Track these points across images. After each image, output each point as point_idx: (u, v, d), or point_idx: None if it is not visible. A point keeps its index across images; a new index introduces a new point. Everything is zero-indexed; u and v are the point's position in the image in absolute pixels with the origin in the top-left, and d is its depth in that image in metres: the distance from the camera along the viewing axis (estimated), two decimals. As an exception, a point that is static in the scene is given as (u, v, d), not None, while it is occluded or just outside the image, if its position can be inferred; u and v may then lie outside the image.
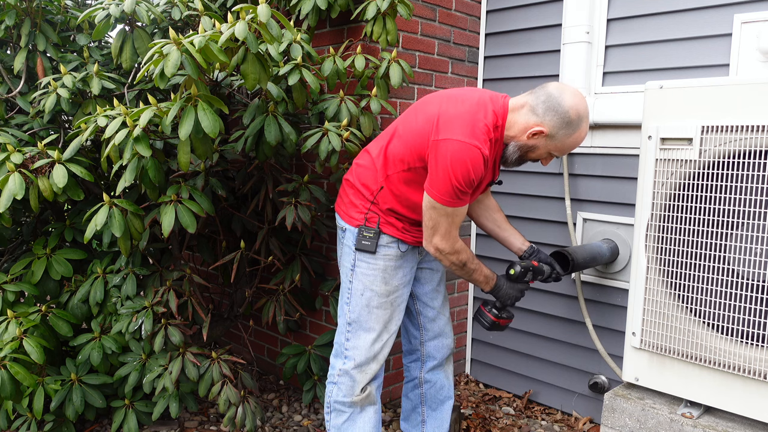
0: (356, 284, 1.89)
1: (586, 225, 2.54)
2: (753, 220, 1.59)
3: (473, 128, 1.66)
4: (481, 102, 1.73)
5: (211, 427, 2.54)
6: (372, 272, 1.86)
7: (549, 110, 1.69)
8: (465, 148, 1.64)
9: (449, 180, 1.65)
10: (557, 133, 1.71)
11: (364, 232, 1.85)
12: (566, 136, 1.72)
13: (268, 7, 1.89)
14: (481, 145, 1.65)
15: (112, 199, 2.00)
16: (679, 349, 1.74)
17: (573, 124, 1.70)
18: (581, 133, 1.74)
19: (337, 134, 2.13)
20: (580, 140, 1.76)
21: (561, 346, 2.68)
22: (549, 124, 1.70)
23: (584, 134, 1.76)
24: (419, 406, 2.15)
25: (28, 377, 1.90)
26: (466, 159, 1.64)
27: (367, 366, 1.90)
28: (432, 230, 1.75)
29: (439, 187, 1.68)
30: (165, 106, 1.91)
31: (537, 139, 1.73)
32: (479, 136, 1.66)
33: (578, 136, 1.74)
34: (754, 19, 2.04)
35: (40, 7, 2.42)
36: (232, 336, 3.32)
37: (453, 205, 1.70)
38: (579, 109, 1.70)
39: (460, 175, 1.64)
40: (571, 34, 2.45)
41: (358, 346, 1.89)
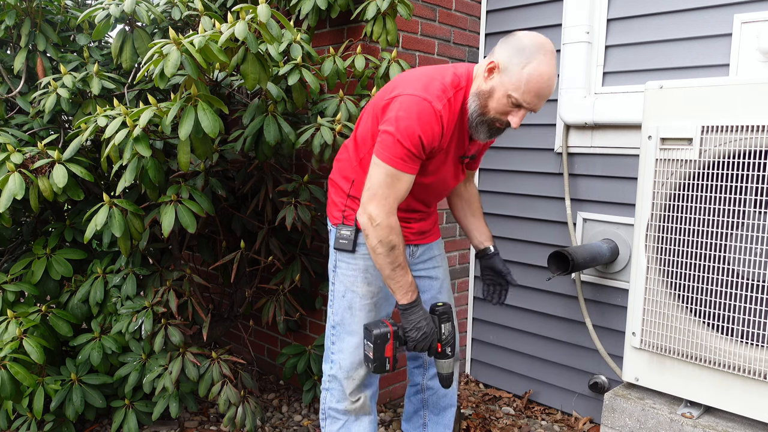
0: (338, 286, 1.81)
1: (586, 225, 2.54)
2: (753, 220, 1.59)
3: (426, 85, 1.54)
4: (441, 68, 1.63)
5: (211, 427, 2.54)
6: (353, 272, 1.77)
7: (504, 45, 1.54)
8: (413, 101, 1.51)
9: (393, 136, 1.52)
10: (509, 64, 1.50)
11: (341, 231, 1.76)
12: (520, 67, 1.49)
13: (268, 7, 1.90)
14: (432, 99, 1.52)
15: (112, 199, 2.00)
16: (679, 349, 1.74)
17: (527, 50, 1.49)
18: (541, 66, 1.49)
19: (329, 128, 2.12)
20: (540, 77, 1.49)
21: (561, 346, 2.68)
22: (501, 55, 1.53)
23: (546, 70, 1.49)
24: (421, 410, 2.10)
25: (28, 377, 1.90)
26: (413, 112, 1.50)
27: (354, 371, 1.80)
28: (369, 193, 1.58)
29: (384, 144, 1.54)
30: (165, 106, 1.91)
31: (492, 78, 1.55)
32: (432, 91, 1.53)
33: (538, 68, 1.48)
34: (754, 19, 2.04)
35: (40, 7, 2.42)
36: (232, 336, 3.32)
37: (397, 167, 1.54)
38: (536, 39, 1.51)
39: (405, 130, 1.50)
40: (571, 34, 2.45)
41: (343, 350, 1.81)
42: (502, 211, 2.85)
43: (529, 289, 2.77)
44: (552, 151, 2.65)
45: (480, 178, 2.94)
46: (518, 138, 2.77)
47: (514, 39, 1.53)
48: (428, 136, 1.53)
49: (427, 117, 1.51)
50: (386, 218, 1.57)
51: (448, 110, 1.57)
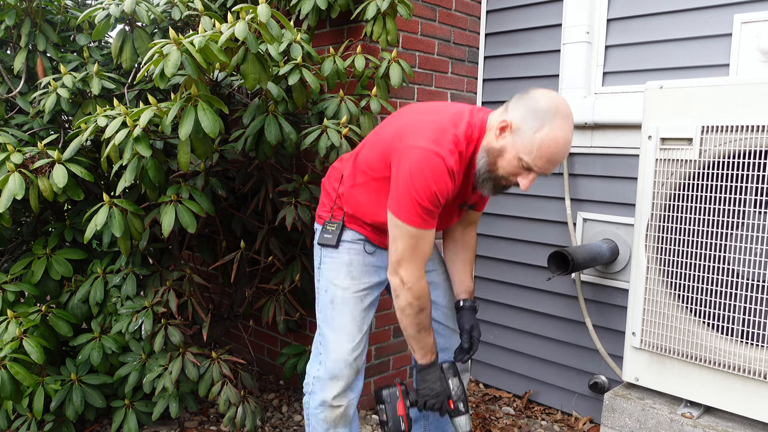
0: (321, 282, 1.75)
1: (586, 225, 2.54)
2: (753, 220, 1.59)
3: (438, 136, 1.49)
4: (456, 113, 1.56)
5: (211, 427, 2.54)
6: (336, 266, 1.72)
7: (518, 103, 1.48)
8: (425, 157, 1.46)
9: (409, 194, 1.48)
10: (522, 126, 1.44)
11: (327, 226, 1.73)
12: (533, 131, 1.42)
13: (268, 7, 1.90)
14: (444, 154, 1.47)
15: (112, 199, 2.00)
16: (679, 349, 1.74)
17: (541, 114, 1.42)
18: (555, 131, 1.42)
19: (336, 131, 2.13)
20: (554, 143, 1.43)
21: (561, 346, 2.68)
22: (514, 114, 1.47)
23: (560, 135, 1.43)
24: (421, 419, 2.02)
25: (28, 377, 1.90)
26: (426, 169, 1.46)
27: (340, 372, 1.71)
28: (397, 256, 1.56)
29: (400, 202, 1.51)
30: (165, 106, 1.91)
31: (504, 137, 1.49)
32: (444, 144, 1.48)
33: (552, 133, 1.42)
34: (754, 19, 2.04)
35: (40, 7, 2.42)
36: (232, 336, 3.32)
37: (419, 226, 1.51)
38: (553, 102, 1.44)
39: (421, 188, 1.47)
40: (571, 34, 2.45)
41: (327, 348, 1.73)
42: (502, 211, 2.86)
43: (529, 289, 2.77)
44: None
45: (480, 178, 2.94)
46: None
47: (530, 99, 1.47)
48: (443, 192, 1.50)
49: (441, 174, 1.48)
50: (418, 282, 1.57)
51: (459, 163, 1.53)
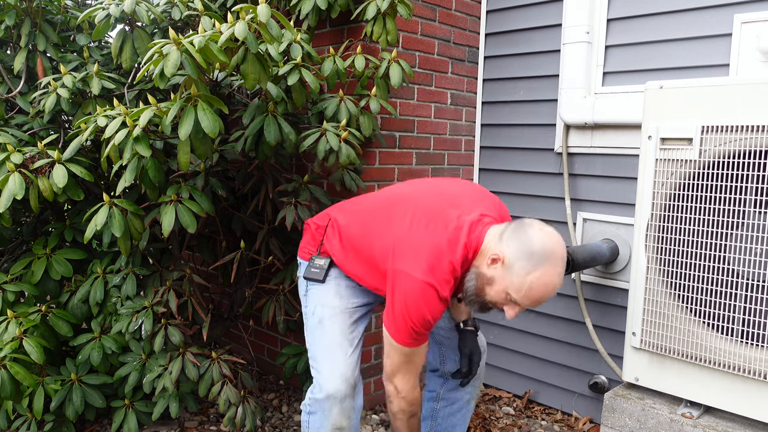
0: (309, 306, 1.77)
1: (586, 225, 2.54)
2: (753, 220, 1.59)
3: (435, 265, 1.49)
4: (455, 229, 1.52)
5: (211, 427, 2.54)
6: (323, 289, 1.75)
7: (513, 236, 1.47)
8: (422, 289, 1.48)
9: (405, 321, 1.52)
10: (514, 265, 1.44)
11: (316, 261, 1.75)
12: (525, 272, 1.43)
13: (268, 7, 1.89)
14: (438, 286, 1.48)
15: (112, 199, 2.00)
16: (679, 349, 1.74)
17: (535, 258, 1.42)
18: (546, 276, 1.43)
19: (335, 134, 2.12)
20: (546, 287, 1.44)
21: (561, 346, 2.68)
22: (508, 250, 1.46)
23: (550, 281, 1.44)
24: (429, 419, 2.03)
25: (28, 377, 1.90)
26: (422, 303, 1.49)
27: (336, 389, 1.68)
28: (392, 368, 1.62)
29: (396, 327, 1.54)
30: (165, 106, 1.91)
31: (495, 268, 1.48)
32: (439, 275, 1.48)
33: (542, 278, 1.43)
34: (754, 19, 2.04)
35: (40, 7, 2.42)
36: (232, 336, 3.32)
37: (410, 346, 1.57)
38: (548, 245, 1.44)
39: (416, 318, 1.50)
40: (571, 34, 2.45)
41: (322, 370, 1.71)
42: (502, 211, 2.86)
43: None
44: (552, 151, 2.65)
45: (480, 178, 2.94)
46: (518, 138, 2.77)
47: (525, 237, 1.45)
48: (436, 317, 1.53)
49: (435, 304, 1.50)
50: (411, 391, 1.64)
51: (452, 288, 1.54)
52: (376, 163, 2.54)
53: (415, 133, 2.69)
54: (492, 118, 2.88)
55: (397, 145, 2.62)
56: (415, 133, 2.69)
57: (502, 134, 2.85)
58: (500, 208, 1.69)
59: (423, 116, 2.71)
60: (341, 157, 2.12)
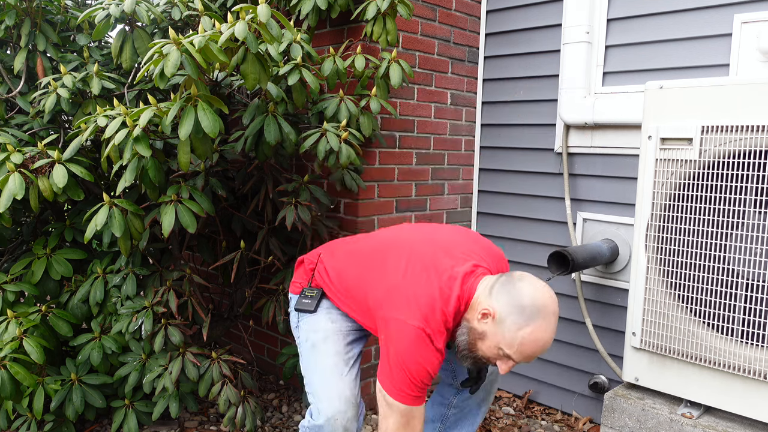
0: (301, 336, 1.76)
1: (586, 225, 2.54)
2: (753, 220, 1.59)
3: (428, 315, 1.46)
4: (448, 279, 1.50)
5: (211, 427, 2.54)
6: (314, 318, 1.74)
7: (503, 291, 1.45)
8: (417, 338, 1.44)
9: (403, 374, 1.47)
10: (506, 320, 1.42)
11: (306, 293, 1.74)
12: (516, 327, 1.41)
13: (268, 7, 1.89)
14: (433, 335, 1.45)
15: (112, 199, 2.00)
16: (679, 349, 1.74)
17: (526, 313, 1.40)
18: (538, 331, 1.40)
19: (335, 134, 2.13)
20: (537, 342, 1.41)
21: (561, 346, 2.68)
22: (497, 305, 1.43)
23: (543, 336, 1.41)
24: (438, 422, 2.01)
25: (28, 377, 1.90)
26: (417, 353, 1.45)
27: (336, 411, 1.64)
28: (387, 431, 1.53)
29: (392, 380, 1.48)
30: (165, 106, 1.91)
31: (486, 323, 1.46)
32: (433, 324, 1.46)
33: (534, 333, 1.40)
34: (754, 19, 2.04)
35: (40, 7, 2.42)
36: (232, 336, 3.32)
37: (412, 404, 1.49)
38: (539, 301, 1.42)
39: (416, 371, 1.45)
40: (571, 34, 2.45)
41: (319, 394, 1.67)
42: (502, 211, 2.86)
43: None
44: (552, 151, 2.65)
45: (480, 178, 2.95)
46: (518, 138, 2.77)
47: (515, 291, 1.44)
48: (435, 370, 1.49)
49: (432, 356, 1.47)
50: None
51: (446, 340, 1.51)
52: (376, 163, 2.55)
53: (415, 133, 2.69)
54: (492, 118, 2.89)
55: (397, 145, 2.62)
56: (415, 133, 2.69)
57: (502, 134, 2.85)
58: (494, 254, 1.66)
59: (423, 116, 2.71)
60: (341, 157, 2.12)
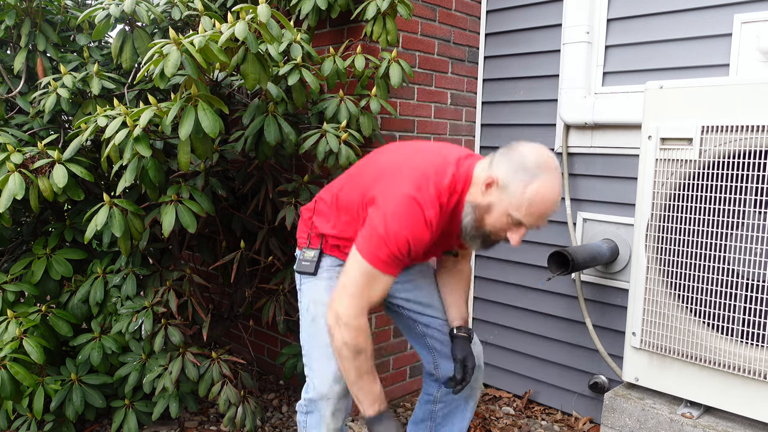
0: (303, 302, 1.72)
1: (586, 225, 2.54)
2: (753, 220, 1.59)
3: (421, 184, 1.44)
4: (442, 160, 1.51)
5: (211, 427, 2.54)
6: (315, 284, 1.69)
7: (503, 159, 1.44)
8: (405, 203, 1.42)
9: (380, 235, 1.43)
10: (510, 183, 1.40)
11: (305, 253, 1.70)
12: (523, 186, 1.39)
13: (268, 7, 1.90)
14: (425, 204, 1.43)
15: (113, 199, 2.00)
16: (679, 349, 1.74)
17: (530, 171, 1.39)
18: (545, 186, 1.38)
19: (335, 135, 2.13)
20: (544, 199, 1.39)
21: (561, 346, 2.68)
22: (500, 170, 1.42)
23: (550, 191, 1.39)
24: (428, 420, 2.01)
25: (28, 377, 1.90)
26: (403, 216, 1.42)
27: (329, 390, 1.65)
28: (341, 289, 1.49)
29: (369, 240, 1.45)
30: (165, 106, 1.91)
31: (490, 193, 1.44)
32: (425, 194, 1.44)
33: (542, 189, 1.38)
34: (754, 19, 2.04)
35: (40, 7, 2.42)
36: (232, 336, 3.32)
37: (378, 267, 1.45)
38: (541, 158, 1.41)
39: (393, 233, 1.42)
40: (571, 34, 2.45)
41: (314, 369, 1.68)
42: (502, 211, 2.85)
43: (529, 289, 2.77)
44: (552, 151, 2.65)
45: (480, 178, 2.94)
46: (518, 138, 2.77)
47: (516, 154, 1.43)
48: (416, 242, 1.44)
49: (417, 223, 1.43)
50: (355, 319, 1.47)
51: (438, 216, 1.48)
52: (376, 163, 2.54)
53: (415, 133, 2.69)
54: (492, 118, 2.88)
55: (397, 145, 2.62)
56: (415, 133, 2.69)
57: (502, 134, 2.85)
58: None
59: (423, 116, 2.71)
60: (341, 158, 2.12)
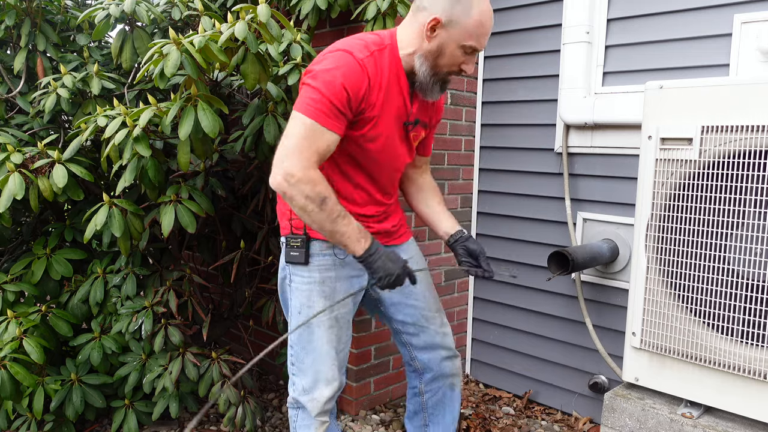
0: (293, 302, 1.68)
1: (586, 225, 2.54)
2: (753, 220, 1.59)
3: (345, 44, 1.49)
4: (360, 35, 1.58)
5: (211, 427, 2.54)
6: (308, 286, 1.64)
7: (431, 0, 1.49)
8: (334, 55, 1.45)
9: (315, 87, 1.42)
10: (452, 15, 1.46)
11: (290, 242, 1.62)
12: (465, 14, 1.46)
13: (268, 7, 1.90)
14: (354, 51, 1.46)
15: (112, 199, 2.00)
16: (679, 349, 1.74)
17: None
18: (482, 4, 1.48)
19: None
20: (485, 15, 1.49)
21: (561, 346, 2.68)
22: (440, 8, 1.47)
23: (487, 6, 1.50)
24: (421, 412, 2.04)
25: (28, 377, 1.90)
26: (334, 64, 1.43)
27: (317, 392, 1.67)
28: (282, 148, 1.42)
29: (303, 95, 1.44)
30: (165, 106, 1.92)
31: (437, 36, 1.49)
32: (353, 46, 1.47)
33: (480, 11, 1.48)
34: (754, 19, 2.04)
35: (40, 7, 2.42)
36: (232, 336, 3.32)
37: (318, 120, 1.41)
38: None
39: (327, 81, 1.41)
40: (571, 34, 2.45)
41: (303, 371, 1.69)
42: (502, 211, 2.85)
43: (529, 289, 2.77)
44: (552, 151, 2.65)
45: (480, 178, 2.95)
46: (518, 138, 2.77)
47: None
48: (353, 87, 1.44)
49: (349, 67, 1.44)
50: (305, 171, 1.40)
51: (373, 64, 1.49)
52: (376, 163, 2.54)
53: (415, 133, 2.69)
54: (492, 118, 2.88)
55: (397, 145, 2.62)
56: (415, 133, 2.68)
57: (502, 134, 2.85)
58: None
59: (423, 116, 2.71)
60: None
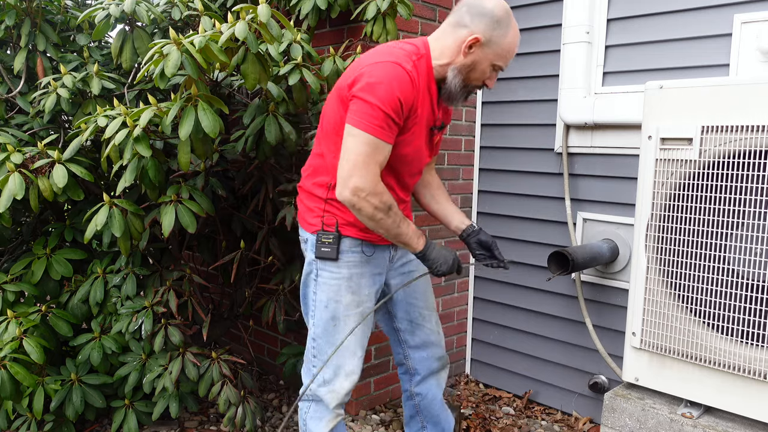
0: (320, 295, 1.73)
1: (586, 225, 2.54)
2: (753, 220, 1.59)
3: (389, 53, 1.56)
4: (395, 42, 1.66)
5: (211, 427, 2.54)
6: (336, 281, 1.71)
7: (475, 17, 1.58)
8: (384, 67, 1.51)
9: (371, 103, 1.49)
10: (492, 36, 1.58)
11: (322, 238, 1.69)
12: (502, 37, 1.59)
13: (268, 7, 1.90)
14: (402, 62, 1.53)
15: (112, 199, 2.00)
16: (679, 349, 1.74)
17: (504, 22, 1.59)
18: (515, 30, 1.62)
19: None
20: (517, 39, 1.64)
21: (561, 346, 2.68)
22: (481, 29, 1.58)
23: (517, 33, 1.64)
24: (416, 415, 2.06)
25: (28, 377, 1.90)
26: (386, 76, 1.49)
27: (338, 384, 1.73)
28: (348, 165, 1.51)
29: (361, 112, 1.50)
30: (165, 106, 1.92)
31: (474, 52, 1.60)
32: (398, 56, 1.54)
33: (514, 35, 1.62)
34: (754, 19, 2.04)
35: (40, 7, 2.42)
36: (232, 336, 3.32)
37: (377, 135, 1.50)
38: (504, 8, 1.60)
39: (384, 95, 1.48)
40: (571, 34, 2.45)
41: (329, 364, 1.73)
42: (502, 211, 2.86)
43: (529, 289, 2.77)
44: (552, 151, 2.65)
45: (480, 178, 2.95)
46: (518, 138, 2.77)
47: (485, 10, 1.58)
48: (406, 99, 1.53)
49: (401, 79, 1.51)
50: (372, 186, 1.52)
51: (417, 72, 1.58)
52: (376, 163, 2.54)
53: (415, 133, 2.69)
54: (492, 118, 2.89)
55: (397, 145, 2.62)
56: (415, 133, 2.68)
57: (502, 134, 2.85)
58: None
59: (423, 116, 2.71)
60: None
